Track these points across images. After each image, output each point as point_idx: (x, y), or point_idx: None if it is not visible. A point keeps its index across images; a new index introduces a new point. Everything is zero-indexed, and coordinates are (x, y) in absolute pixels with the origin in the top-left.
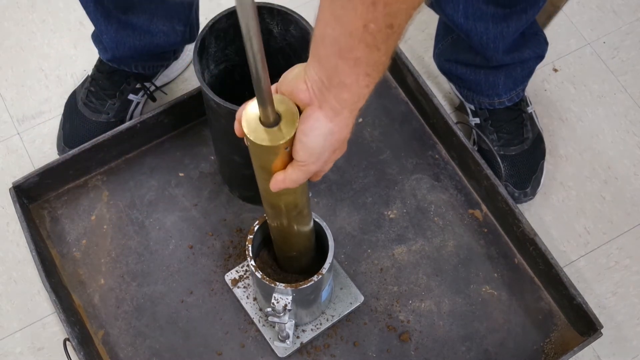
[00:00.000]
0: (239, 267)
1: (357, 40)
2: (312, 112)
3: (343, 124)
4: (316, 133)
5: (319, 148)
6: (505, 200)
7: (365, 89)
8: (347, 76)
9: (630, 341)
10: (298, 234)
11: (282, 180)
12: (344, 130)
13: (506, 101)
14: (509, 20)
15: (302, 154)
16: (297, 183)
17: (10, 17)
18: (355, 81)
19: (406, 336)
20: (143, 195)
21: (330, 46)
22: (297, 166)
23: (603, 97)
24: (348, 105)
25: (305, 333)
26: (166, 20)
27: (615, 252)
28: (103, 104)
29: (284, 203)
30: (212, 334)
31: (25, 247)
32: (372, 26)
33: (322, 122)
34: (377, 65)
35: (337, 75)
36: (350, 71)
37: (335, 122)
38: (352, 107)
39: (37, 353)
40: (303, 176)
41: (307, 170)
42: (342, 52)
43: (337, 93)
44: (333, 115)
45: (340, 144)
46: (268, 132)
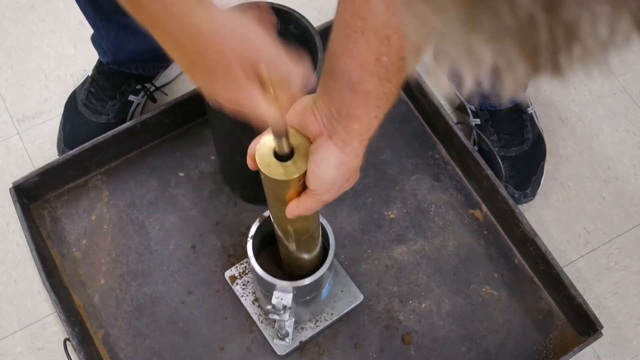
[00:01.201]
0: (238, 265)
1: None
2: (323, 142)
3: (353, 154)
4: (327, 163)
5: (331, 178)
6: (506, 200)
7: (374, 120)
8: (357, 108)
9: (630, 341)
10: (308, 257)
11: (297, 208)
12: (354, 160)
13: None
14: None
15: (314, 184)
16: (310, 211)
17: (10, 17)
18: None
19: (406, 336)
20: (143, 195)
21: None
22: (310, 195)
23: (603, 97)
24: (358, 136)
25: (304, 331)
26: None
27: (615, 252)
28: (103, 105)
29: (295, 229)
30: (212, 334)
31: (25, 247)
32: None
33: (332, 152)
34: (388, 97)
35: (347, 107)
36: (360, 103)
37: (345, 152)
38: (361, 138)
39: (37, 353)
40: (317, 205)
41: (321, 200)
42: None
43: (346, 124)
44: (343, 146)
45: (352, 173)
46: (282, 166)
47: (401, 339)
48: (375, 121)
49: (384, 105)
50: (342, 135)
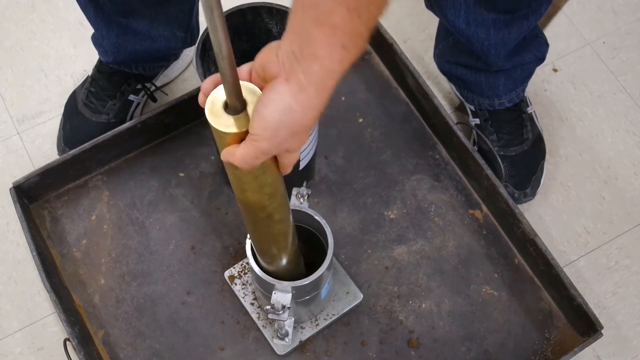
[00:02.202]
0: (238, 265)
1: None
2: (277, 84)
3: (307, 104)
4: (275, 106)
5: (275, 122)
6: (506, 200)
7: (338, 64)
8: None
9: (630, 341)
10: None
11: (232, 154)
12: (307, 113)
13: (506, 102)
14: (511, 26)
15: (256, 126)
16: (245, 160)
17: (10, 17)
18: (328, 53)
19: (406, 336)
20: (143, 195)
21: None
22: (249, 140)
23: (603, 97)
24: (316, 82)
25: (304, 331)
26: (166, 26)
27: (615, 252)
28: (103, 104)
29: (249, 201)
30: (212, 334)
31: (25, 247)
32: None
33: (284, 95)
34: (355, 36)
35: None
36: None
37: (298, 99)
38: (320, 85)
39: (37, 353)
40: (253, 153)
41: (258, 147)
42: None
43: (306, 66)
44: (297, 91)
45: (301, 128)
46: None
47: (401, 339)
48: (339, 66)
49: (350, 46)
50: (299, 78)
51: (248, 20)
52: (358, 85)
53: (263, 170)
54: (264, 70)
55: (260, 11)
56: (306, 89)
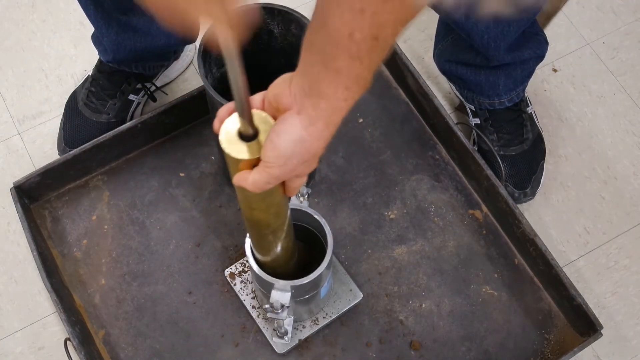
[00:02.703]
0: (238, 264)
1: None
2: (289, 116)
3: (316, 135)
4: (288, 137)
5: (288, 152)
6: (506, 200)
7: (343, 102)
8: (327, 86)
9: (630, 341)
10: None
11: (244, 179)
12: (315, 143)
13: (506, 101)
14: (510, 19)
15: (270, 154)
16: (257, 185)
17: (10, 17)
18: (333, 93)
19: (406, 336)
20: (144, 195)
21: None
22: (262, 166)
23: (602, 97)
24: (324, 117)
25: (304, 330)
26: None
27: (614, 252)
28: (104, 104)
29: (256, 219)
30: (213, 334)
31: (26, 247)
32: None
33: (296, 127)
34: (358, 79)
35: (318, 84)
36: (330, 81)
37: (309, 131)
38: (327, 120)
39: (37, 353)
40: (265, 179)
41: (271, 174)
42: (326, 60)
43: (315, 102)
44: (308, 124)
45: (310, 157)
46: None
47: (401, 339)
48: (344, 104)
49: (353, 87)
50: (309, 112)
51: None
52: None
53: (271, 192)
54: (277, 102)
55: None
56: (316, 122)
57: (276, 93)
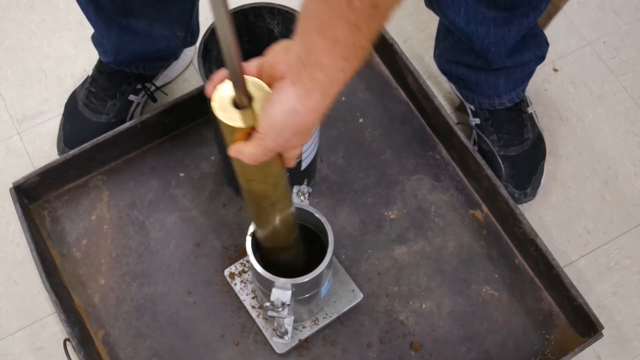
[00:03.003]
0: (238, 264)
1: (339, 16)
2: (284, 86)
3: (311, 107)
4: (282, 107)
5: (281, 122)
6: (506, 200)
7: (340, 73)
8: (324, 56)
9: (631, 341)
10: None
11: (240, 152)
12: (310, 115)
13: (506, 102)
14: (511, 24)
15: (263, 125)
16: (252, 157)
17: (10, 17)
18: (331, 62)
19: (406, 336)
20: (143, 195)
21: (312, 22)
22: (255, 138)
23: (603, 97)
24: (320, 88)
25: (304, 330)
26: (167, 25)
27: (615, 252)
28: (103, 104)
29: (254, 191)
30: (213, 334)
31: (25, 247)
32: (357, 3)
33: (290, 97)
34: (356, 48)
35: (315, 53)
36: (328, 51)
37: (303, 102)
38: (324, 92)
39: (37, 353)
40: (260, 150)
41: (265, 146)
42: (323, 29)
43: (311, 72)
44: (303, 95)
45: (304, 129)
46: (240, 112)
47: (401, 339)
48: (341, 74)
49: (352, 58)
50: (305, 83)
51: (250, 20)
52: (358, 85)
53: (267, 163)
54: (273, 69)
55: (261, 12)
56: (311, 94)
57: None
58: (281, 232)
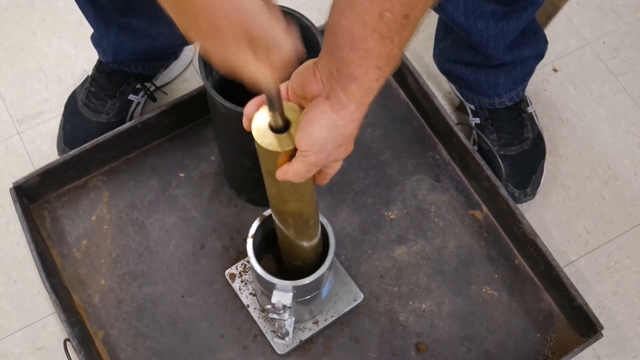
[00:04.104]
0: (238, 265)
1: (371, 30)
2: (319, 102)
3: (349, 118)
4: (321, 123)
5: (322, 138)
6: (506, 201)
7: (374, 82)
8: (357, 68)
9: (631, 341)
10: (302, 245)
11: (285, 172)
12: (349, 125)
13: (506, 101)
14: (509, 18)
15: (304, 143)
16: (299, 175)
17: (10, 17)
18: (364, 74)
19: (406, 337)
20: (143, 195)
21: (343, 36)
22: (299, 156)
23: (603, 97)
24: (356, 99)
25: (305, 331)
26: (166, 24)
27: (615, 252)
28: (103, 104)
29: (289, 211)
30: (213, 334)
31: (25, 247)
32: (388, 15)
33: (327, 113)
34: (389, 58)
35: (347, 66)
36: (360, 63)
37: (341, 114)
38: (359, 102)
39: (37, 353)
40: (305, 168)
41: (309, 162)
42: (354, 42)
43: (345, 85)
44: (340, 108)
45: (345, 140)
46: (277, 137)
47: (401, 340)
48: (375, 84)
49: (384, 67)
50: (340, 96)
51: None
52: None
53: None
54: (303, 89)
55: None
56: (347, 105)
57: (301, 81)
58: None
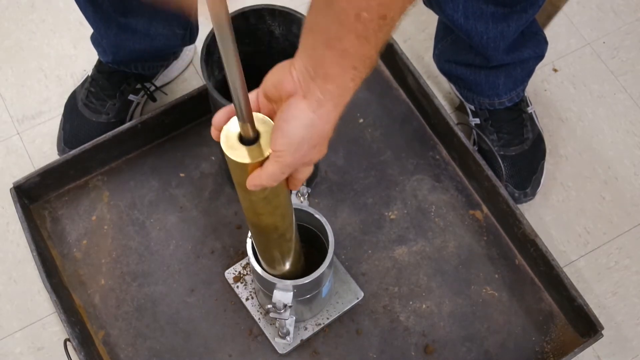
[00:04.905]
0: (238, 264)
1: (347, 29)
2: (296, 101)
3: (325, 118)
4: (297, 122)
5: (298, 138)
6: (506, 201)
7: (350, 82)
8: (333, 67)
9: (631, 341)
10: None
11: (258, 177)
12: (325, 125)
13: (506, 101)
14: (509, 19)
15: (280, 142)
16: (272, 178)
17: (10, 17)
18: (341, 73)
19: (406, 337)
20: (144, 195)
21: (320, 34)
22: (273, 158)
23: (603, 97)
24: (332, 98)
25: (305, 330)
26: (165, 24)
27: (615, 252)
28: (103, 104)
29: (264, 224)
30: (213, 334)
31: (25, 247)
32: (365, 15)
33: (304, 112)
34: (365, 59)
35: (323, 65)
36: (336, 62)
37: (318, 113)
38: (336, 101)
39: (37, 353)
40: (279, 169)
41: (284, 162)
42: (331, 41)
43: (321, 84)
44: (317, 107)
45: (321, 140)
46: (247, 149)
47: (401, 340)
48: (352, 84)
49: (361, 67)
50: (317, 95)
51: (251, 23)
52: None
53: (276, 193)
54: (278, 89)
55: (262, 13)
56: (324, 105)
57: (276, 81)
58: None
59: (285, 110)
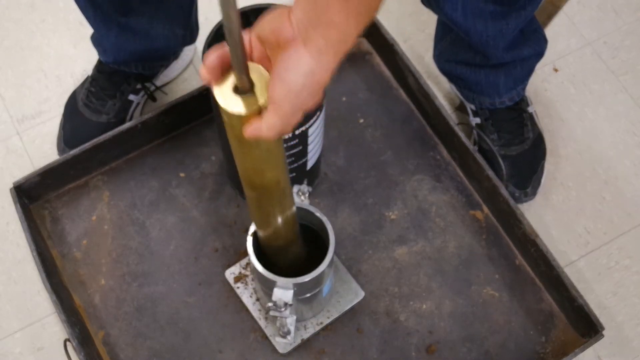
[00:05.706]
0: (238, 264)
1: None
2: (296, 49)
3: (325, 66)
4: (298, 69)
5: (299, 86)
6: (507, 201)
7: (354, 29)
8: (337, 14)
9: (631, 341)
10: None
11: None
12: (325, 74)
13: (507, 101)
14: (508, 17)
15: (279, 92)
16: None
17: (10, 17)
18: (345, 19)
19: (407, 337)
20: (144, 195)
21: None
22: (272, 108)
23: (603, 97)
24: (334, 46)
25: (306, 329)
26: (166, 24)
27: (615, 252)
28: (103, 104)
29: (267, 181)
30: (213, 334)
31: (25, 247)
32: None
33: (305, 60)
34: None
35: (327, 12)
36: (340, 8)
37: (318, 61)
38: (337, 49)
39: (37, 353)
40: (279, 120)
41: (284, 111)
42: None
43: (324, 31)
44: (317, 55)
45: (319, 89)
46: (243, 99)
47: (401, 340)
48: (355, 30)
49: (365, 13)
50: (318, 43)
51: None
52: (359, 86)
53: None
54: (276, 35)
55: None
56: (326, 52)
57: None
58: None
59: (285, 59)
